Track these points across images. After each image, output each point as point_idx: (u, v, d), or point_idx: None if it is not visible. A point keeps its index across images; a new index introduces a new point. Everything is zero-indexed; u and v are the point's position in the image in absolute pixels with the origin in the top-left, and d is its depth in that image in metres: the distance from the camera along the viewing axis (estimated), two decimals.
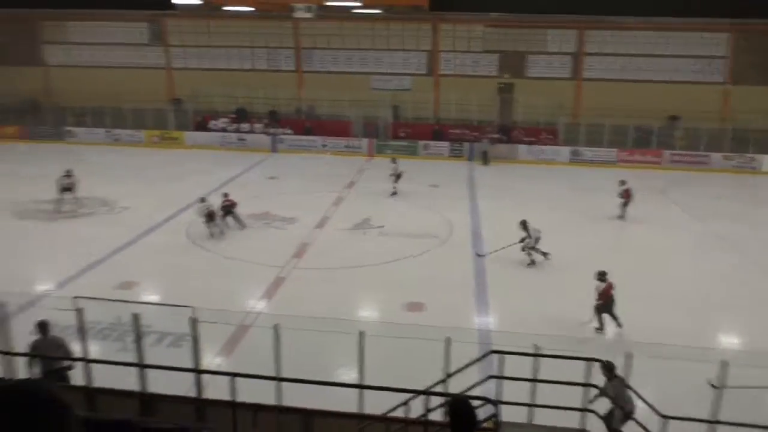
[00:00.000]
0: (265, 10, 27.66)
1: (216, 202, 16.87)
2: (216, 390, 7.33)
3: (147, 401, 7.15)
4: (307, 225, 17.50)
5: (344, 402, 7.35)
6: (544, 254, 14.89)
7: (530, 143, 27.87)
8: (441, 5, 25.04)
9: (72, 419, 1.29)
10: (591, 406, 7.67)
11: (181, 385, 7.56)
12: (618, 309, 11.34)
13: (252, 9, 26.44)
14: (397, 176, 21.20)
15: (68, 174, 18.95)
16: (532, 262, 14.82)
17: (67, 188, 18.77)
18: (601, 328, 11.53)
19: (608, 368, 7.90)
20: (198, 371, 7.64)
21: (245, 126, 29.63)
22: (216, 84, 30.47)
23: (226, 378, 6.62)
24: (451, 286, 13.52)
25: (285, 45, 30.87)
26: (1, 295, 8.30)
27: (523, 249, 14.84)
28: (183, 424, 5.28)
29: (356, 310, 12.51)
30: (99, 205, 19.26)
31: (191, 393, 7.48)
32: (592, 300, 11.46)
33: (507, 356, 7.48)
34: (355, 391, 7.47)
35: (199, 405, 7.22)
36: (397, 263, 14.84)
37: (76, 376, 7.47)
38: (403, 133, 28.99)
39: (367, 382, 7.39)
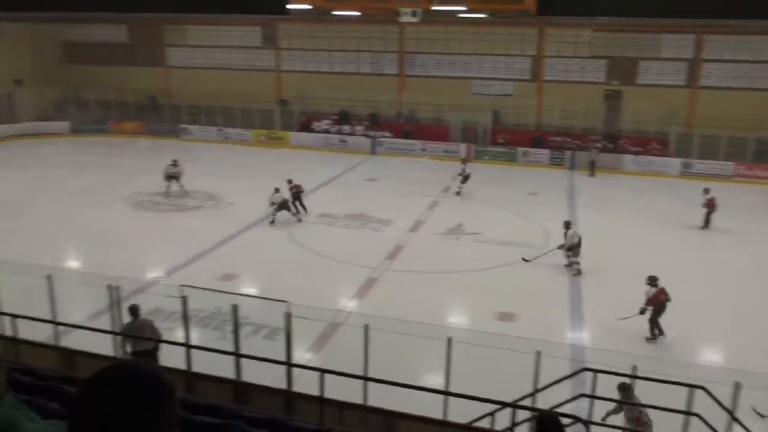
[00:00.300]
0: (371, 15, 28.15)
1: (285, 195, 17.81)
2: (305, 384, 7.55)
3: (241, 389, 7.48)
4: (401, 228, 17.62)
5: (428, 407, 7.35)
6: (571, 263, 14.50)
7: (637, 153, 26.57)
8: (549, 10, 24.41)
9: (176, 400, 1.37)
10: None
11: (272, 377, 7.83)
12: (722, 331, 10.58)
13: (359, 13, 26.99)
14: (465, 177, 21.37)
15: (174, 164, 20.75)
16: (577, 271, 14.38)
17: (173, 176, 20.51)
18: (654, 338, 11.19)
19: (625, 389, 7.49)
20: (289, 365, 7.90)
21: (347, 128, 30.30)
22: (321, 86, 31.35)
23: (315, 373, 6.79)
24: (545, 297, 13.15)
25: (389, 49, 31.26)
26: (115, 280, 8.99)
27: (566, 255, 14.63)
28: (273, 414, 5.48)
29: (445, 315, 12.45)
30: (206, 199, 20.36)
31: (282, 385, 7.74)
32: (697, 323, 10.77)
33: (601, 375, 7.18)
34: (440, 397, 7.44)
35: (289, 397, 7.46)
36: (490, 271, 14.62)
37: (178, 360, 7.91)
38: (502, 139, 28.53)
39: (452, 389, 7.34)
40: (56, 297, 9.20)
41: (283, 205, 17.55)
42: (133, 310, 8.89)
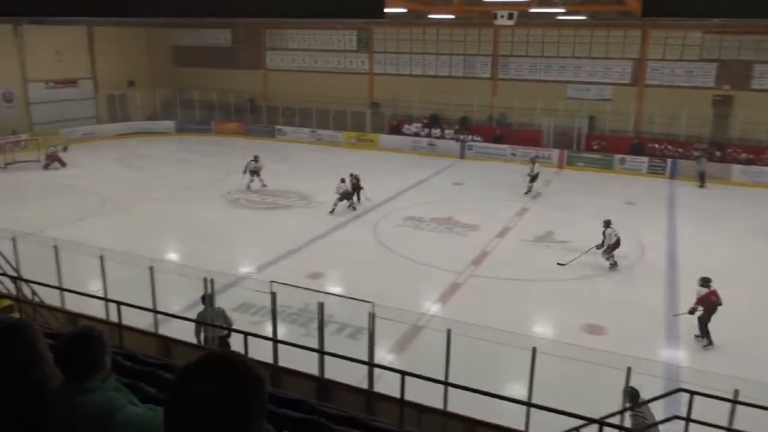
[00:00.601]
0: (466, 18, 28.01)
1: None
2: (385, 385, 7.61)
3: (324, 386, 7.65)
4: (488, 233, 17.38)
5: (510, 417, 7.20)
6: (611, 264, 14.51)
7: (747, 163, 24.83)
8: (656, 11, 23.16)
9: (266, 391, 1.43)
10: None
11: (354, 376, 7.95)
12: None
13: (453, 16, 26.91)
14: (533, 177, 21.67)
15: (255, 159, 22.18)
16: (613, 263, 14.45)
17: (254, 171, 22.00)
18: (702, 337, 11.21)
19: (632, 395, 7.22)
20: (371, 365, 7.99)
21: (436, 131, 30.26)
22: (412, 89, 31.50)
23: (396, 374, 6.82)
24: (638, 312, 12.55)
25: (482, 52, 30.94)
26: (210, 273, 9.43)
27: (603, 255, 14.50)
28: (354, 413, 5.56)
29: (530, 325, 12.16)
30: (298, 198, 20.97)
31: (363, 384, 7.84)
32: None
33: (698, 397, 6.76)
34: (522, 407, 7.28)
35: (370, 397, 7.55)
36: (579, 281, 14.15)
37: (266, 353, 8.19)
38: (598, 145, 27.51)
39: (535, 401, 7.17)
40: (157, 287, 9.79)
41: (345, 195, 18.95)
42: (206, 299, 9.32)
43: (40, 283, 9.63)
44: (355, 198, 19.76)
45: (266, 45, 36.01)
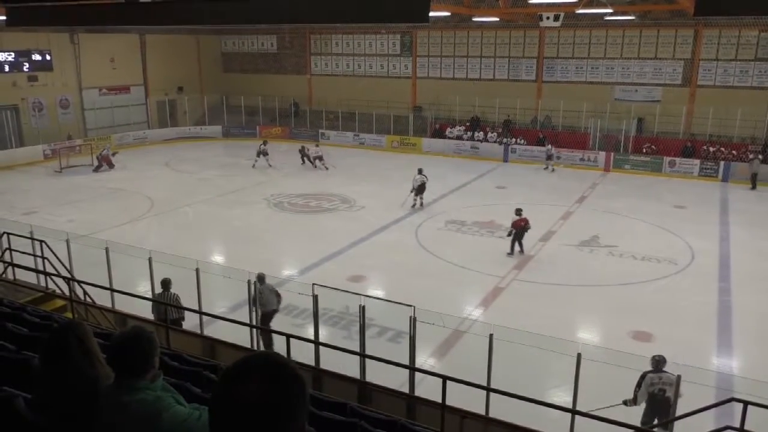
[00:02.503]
0: (511, 20, 27.74)
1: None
2: (426, 389, 7.59)
3: (364, 389, 7.68)
4: (531, 237, 17.12)
5: (553, 425, 7.10)
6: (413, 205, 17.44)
7: None
8: (710, 10, 22.48)
9: (307, 393, 1.45)
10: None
11: (395, 380, 7.96)
12: None
13: (497, 19, 26.69)
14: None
15: (265, 143, 26.79)
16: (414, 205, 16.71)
17: (262, 153, 26.18)
18: (511, 253, 15.49)
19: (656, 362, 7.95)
20: (413, 369, 7.99)
21: (479, 134, 30.05)
22: (455, 92, 31.38)
23: (437, 379, 6.79)
24: (688, 319, 12.19)
25: (527, 55, 30.60)
26: (254, 275, 9.59)
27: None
28: (394, 416, 5.56)
29: (575, 330, 11.92)
30: (340, 202, 21.13)
31: (404, 388, 7.84)
32: None
33: (753, 408, 6.51)
34: (566, 415, 7.16)
35: (411, 401, 7.54)
36: (626, 287, 13.82)
37: (308, 355, 8.27)
38: (647, 147, 26.82)
39: (580, 408, 7.03)
40: (202, 288, 10.01)
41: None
42: (261, 278, 10.09)
43: (91, 284, 9.97)
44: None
45: (311, 50, 36.45)
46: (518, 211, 15.68)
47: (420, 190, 19.77)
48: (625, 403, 7.93)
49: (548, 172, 26.14)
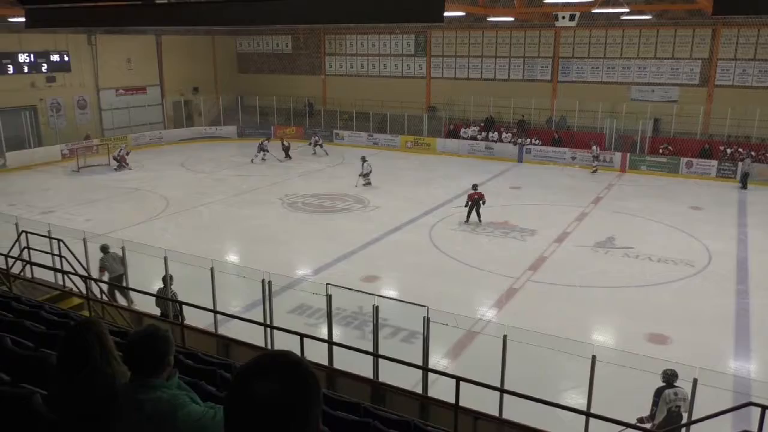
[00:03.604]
0: (526, 20, 27.61)
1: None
2: (440, 390, 7.58)
3: (378, 389, 7.68)
4: (546, 238, 17.06)
5: (567, 427, 7.06)
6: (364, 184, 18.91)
7: None
8: (729, 8, 22.18)
9: (321, 392, 1.45)
10: None
11: (408, 380, 7.95)
12: None
13: (513, 19, 26.59)
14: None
15: (268, 139, 28.32)
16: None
17: (263, 149, 27.40)
18: (467, 221, 18.11)
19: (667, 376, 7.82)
20: (426, 369, 7.98)
21: (494, 135, 29.94)
22: (469, 93, 31.30)
23: (451, 379, 6.78)
24: (705, 321, 12.06)
25: (543, 55, 30.44)
26: (268, 275, 9.62)
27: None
28: (408, 417, 5.56)
29: (589, 332, 11.84)
30: (354, 202, 21.15)
31: (417, 389, 7.83)
32: None
33: None
34: (581, 417, 7.11)
35: (424, 402, 7.53)
36: (642, 289, 13.69)
37: (321, 355, 8.29)
38: (664, 149, 26.56)
39: (594, 411, 6.98)
40: (217, 287, 10.07)
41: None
42: (165, 281, 10.37)
43: (108, 283, 10.06)
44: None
45: (325, 50, 36.54)
46: (474, 186, 18.38)
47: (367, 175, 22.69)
48: (641, 420, 7.79)
49: (591, 173, 26.12)
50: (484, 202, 18.10)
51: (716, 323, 11.99)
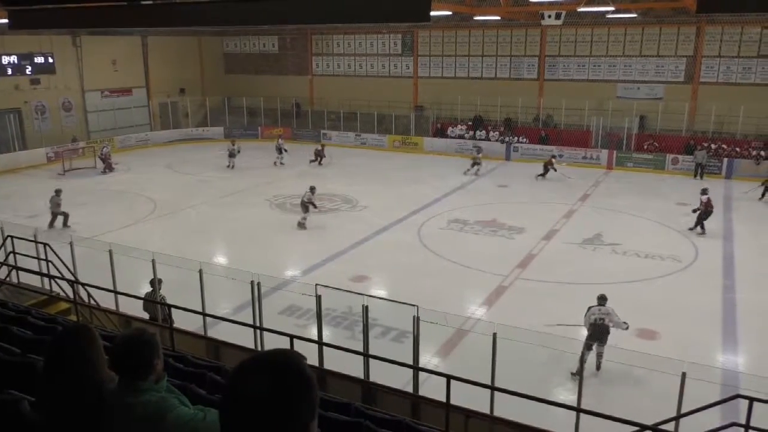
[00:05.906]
0: (512, 19, 27.70)
1: None
2: (430, 389, 7.59)
3: (368, 389, 7.68)
4: (534, 236, 17.14)
5: (559, 423, 7.09)
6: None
7: None
8: (713, 7, 22.39)
9: (316, 390, 1.45)
10: None
11: (399, 379, 7.95)
12: None
13: (499, 18, 26.67)
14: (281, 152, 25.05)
15: (233, 142, 27.27)
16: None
17: (231, 154, 26.60)
18: (694, 229, 17.17)
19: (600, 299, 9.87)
20: (416, 368, 7.98)
21: (481, 133, 30.02)
22: (457, 92, 31.36)
23: (441, 378, 6.79)
24: (693, 316, 12.16)
25: (529, 53, 30.57)
26: (257, 276, 9.59)
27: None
28: (399, 416, 5.56)
29: (579, 329, 11.89)
30: (342, 202, 21.13)
31: (408, 388, 7.84)
32: None
33: (758, 404, 6.50)
34: (571, 413, 7.15)
35: (415, 401, 7.54)
36: (630, 285, 13.79)
37: (311, 356, 8.27)
38: (650, 145, 26.76)
39: (585, 407, 7.03)
40: (205, 289, 10.02)
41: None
42: (153, 284, 10.12)
43: (95, 287, 9.98)
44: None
45: (312, 51, 36.46)
46: (705, 191, 17.74)
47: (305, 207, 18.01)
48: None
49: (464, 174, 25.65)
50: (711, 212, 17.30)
51: (704, 317, 12.10)
